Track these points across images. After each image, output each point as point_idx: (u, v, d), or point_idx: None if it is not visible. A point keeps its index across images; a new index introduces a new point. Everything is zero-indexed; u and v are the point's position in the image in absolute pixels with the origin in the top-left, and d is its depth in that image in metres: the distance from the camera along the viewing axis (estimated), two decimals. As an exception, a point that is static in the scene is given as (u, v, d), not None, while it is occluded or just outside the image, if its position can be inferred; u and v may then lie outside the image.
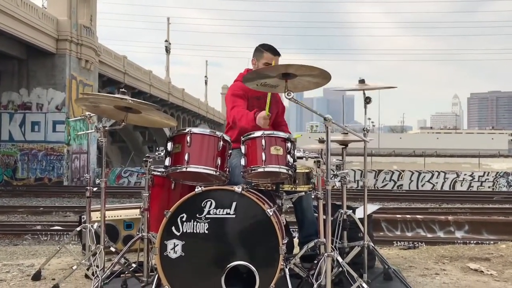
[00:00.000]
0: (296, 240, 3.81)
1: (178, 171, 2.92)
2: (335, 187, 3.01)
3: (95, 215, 4.27)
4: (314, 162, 2.88)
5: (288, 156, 2.93)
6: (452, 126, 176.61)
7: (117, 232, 4.45)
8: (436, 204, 19.37)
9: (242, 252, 2.65)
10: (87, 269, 3.35)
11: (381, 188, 26.14)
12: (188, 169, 2.86)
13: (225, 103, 3.89)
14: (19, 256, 4.55)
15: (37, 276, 3.54)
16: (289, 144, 3.00)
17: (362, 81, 3.16)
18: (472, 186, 26.85)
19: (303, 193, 3.27)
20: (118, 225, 4.45)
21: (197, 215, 2.70)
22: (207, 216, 2.69)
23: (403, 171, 28.44)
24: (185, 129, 3.00)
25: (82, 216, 4.46)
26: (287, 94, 2.69)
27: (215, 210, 2.70)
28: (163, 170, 3.02)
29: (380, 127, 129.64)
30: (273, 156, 2.90)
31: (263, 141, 2.93)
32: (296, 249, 3.65)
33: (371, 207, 3.65)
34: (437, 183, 27.40)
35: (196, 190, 2.71)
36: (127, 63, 36.10)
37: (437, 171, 28.16)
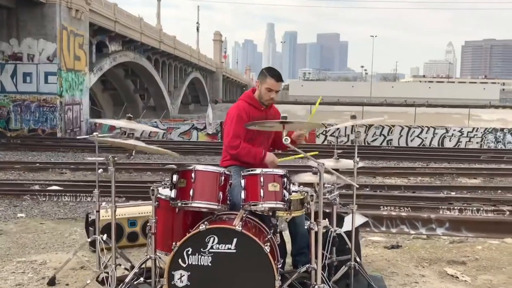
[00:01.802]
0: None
1: (183, 206, 3.21)
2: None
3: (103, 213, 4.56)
4: (309, 195, 3.16)
5: (284, 191, 3.22)
6: (445, 75, 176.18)
7: (122, 229, 4.77)
8: (424, 163, 19.81)
9: (241, 284, 2.98)
10: (98, 276, 3.67)
11: (371, 145, 26.52)
12: (193, 205, 3.16)
13: (226, 117, 4.13)
14: (30, 250, 4.83)
15: (52, 281, 3.86)
16: (285, 179, 3.28)
17: (353, 117, 3.39)
18: (461, 142, 27.23)
19: (297, 213, 3.57)
20: (122, 223, 4.77)
21: (201, 249, 3.01)
22: (210, 250, 3.01)
23: (393, 126, 28.74)
24: (190, 165, 3.26)
25: (89, 215, 4.75)
26: (285, 140, 2.94)
27: (217, 245, 3.01)
28: (169, 196, 3.31)
29: (373, 75, 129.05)
30: (271, 192, 3.19)
31: (261, 178, 3.23)
32: (288, 258, 3.99)
33: (358, 219, 3.95)
34: (426, 138, 27.77)
35: (200, 228, 3.01)
36: (118, 10, 35.42)
37: (426, 127, 28.45)
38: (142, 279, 3.44)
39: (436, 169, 17.96)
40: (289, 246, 4.09)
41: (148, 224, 3.36)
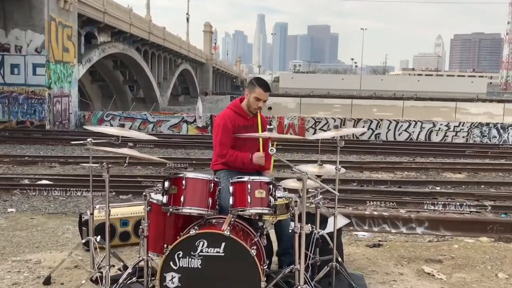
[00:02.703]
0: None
1: (175, 211, 3.40)
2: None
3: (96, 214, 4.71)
4: (293, 201, 3.37)
5: (270, 197, 3.43)
6: (434, 68, 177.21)
7: (114, 229, 4.93)
8: (410, 157, 20.12)
9: (229, 285, 3.18)
10: (92, 276, 3.83)
11: (359, 139, 26.77)
12: (184, 210, 3.36)
13: (214, 125, 4.31)
14: (24, 249, 4.96)
15: (47, 281, 4.02)
16: (271, 186, 3.49)
17: (336, 127, 3.59)
18: (447, 136, 27.57)
19: (282, 215, 3.77)
20: (114, 223, 4.93)
21: (192, 252, 3.21)
22: (200, 253, 3.21)
23: (381, 120, 29.02)
24: (182, 173, 3.44)
25: (83, 215, 4.90)
26: (270, 151, 3.13)
27: (207, 249, 3.21)
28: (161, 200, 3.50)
29: (363, 68, 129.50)
30: (258, 199, 3.40)
31: (249, 185, 3.43)
32: (274, 258, 4.19)
33: (341, 221, 4.15)
34: (413, 132, 28.05)
35: (190, 233, 3.20)
36: (107, 1, 35.21)
37: (414, 121, 28.76)
38: (134, 278, 3.63)
39: (422, 163, 18.25)
40: (275, 246, 4.28)
41: (140, 227, 3.53)
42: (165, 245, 3.56)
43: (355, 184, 13.77)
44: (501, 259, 4.81)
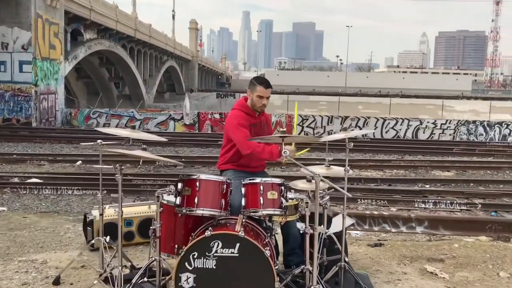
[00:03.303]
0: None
1: (188, 212, 3.44)
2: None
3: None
4: (304, 202, 3.42)
5: (282, 198, 3.48)
6: (418, 65, 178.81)
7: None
8: (399, 155, 20.29)
9: (243, 285, 3.23)
10: (100, 275, 3.84)
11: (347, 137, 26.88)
12: (197, 212, 3.40)
13: (227, 127, 4.36)
14: (29, 249, 4.94)
15: (57, 281, 4.03)
16: (282, 188, 3.54)
17: (344, 129, 3.64)
18: (434, 134, 27.79)
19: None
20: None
21: (207, 253, 3.25)
22: (215, 254, 3.26)
23: (368, 117, 29.18)
24: (195, 175, 3.48)
25: (87, 215, 4.91)
26: (283, 152, 3.18)
27: (221, 249, 3.26)
28: (172, 201, 3.53)
29: (348, 65, 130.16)
30: (270, 200, 3.45)
31: (261, 187, 3.48)
32: (280, 257, 4.24)
33: (346, 221, 4.21)
34: (400, 129, 28.22)
35: (206, 233, 3.24)
36: (93, -2, 34.98)
37: (401, 118, 28.94)
38: (145, 278, 3.66)
39: (410, 161, 18.41)
40: (280, 245, 4.33)
41: (151, 227, 3.56)
42: (175, 246, 3.61)
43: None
44: (502, 258, 4.92)
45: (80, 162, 16.06)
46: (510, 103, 53.05)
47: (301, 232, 3.46)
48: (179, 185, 3.48)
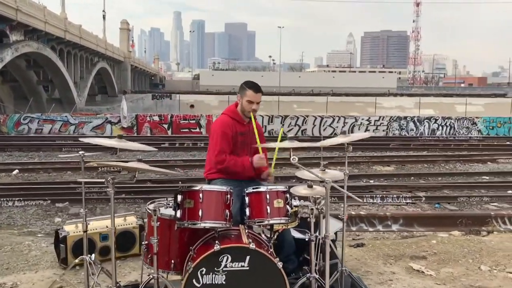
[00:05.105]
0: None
1: (191, 226, 3.25)
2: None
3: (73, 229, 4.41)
4: (309, 209, 3.34)
5: (287, 206, 3.37)
6: (346, 64, 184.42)
7: (94, 244, 4.63)
8: (340, 152, 20.71)
9: (255, 300, 3.09)
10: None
11: (288, 136, 27.12)
12: (202, 225, 3.21)
13: (212, 131, 4.23)
14: (-6, 272, 4.54)
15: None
16: (287, 195, 3.43)
17: (343, 133, 3.60)
18: (369, 130, 28.75)
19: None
20: (94, 238, 4.63)
21: (215, 268, 3.08)
22: (224, 269, 3.10)
23: (307, 116, 29.73)
24: (196, 186, 3.29)
25: (59, 232, 4.55)
26: (292, 160, 3.08)
27: (231, 263, 3.10)
28: (166, 214, 3.33)
29: (281, 65, 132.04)
30: (276, 209, 3.32)
31: (267, 195, 3.35)
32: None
33: (336, 225, 4.19)
34: (337, 127, 28.94)
35: (215, 248, 3.06)
36: (19, -3, 33.14)
37: (337, 116, 29.73)
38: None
39: (352, 157, 18.79)
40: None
41: (144, 242, 3.34)
42: (171, 261, 3.42)
43: (294, 180, 13.96)
44: (479, 251, 5.10)
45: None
46: (433, 99, 56.02)
47: (306, 239, 3.36)
48: (179, 197, 3.27)
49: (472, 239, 5.57)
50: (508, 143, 24.26)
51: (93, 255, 3.71)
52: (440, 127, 28.62)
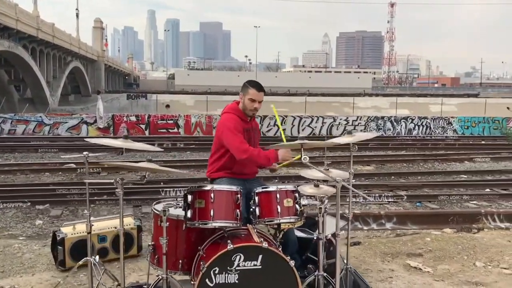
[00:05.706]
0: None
1: (202, 226, 3.25)
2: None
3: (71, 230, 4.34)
4: (318, 208, 3.37)
5: (296, 205, 3.39)
6: (322, 64, 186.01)
7: (92, 245, 4.56)
8: (320, 151, 20.87)
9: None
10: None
11: (266, 135, 27.18)
12: (213, 224, 3.21)
13: (221, 131, 4.16)
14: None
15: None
16: (296, 194, 3.46)
17: (349, 133, 3.64)
18: (347, 130, 29.01)
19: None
20: (92, 239, 4.55)
21: (228, 267, 3.09)
22: (237, 268, 3.10)
23: (286, 116, 29.86)
24: (206, 186, 3.28)
25: (57, 233, 4.47)
26: (304, 159, 3.10)
27: (244, 262, 3.11)
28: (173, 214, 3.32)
29: (257, 64, 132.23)
30: (286, 208, 3.34)
31: (277, 195, 3.36)
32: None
33: (341, 223, 4.20)
34: (316, 127, 29.15)
35: (228, 247, 3.07)
36: (-11, -5, 32.40)
37: (316, 116, 29.94)
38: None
39: (332, 157, 18.93)
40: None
41: (151, 243, 3.32)
42: (179, 261, 3.41)
43: (276, 180, 14.00)
44: (472, 248, 5.22)
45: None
46: (408, 99, 56.95)
47: (314, 238, 3.39)
48: (189, 197, 3.26)
49: (464, 236, 5.70)
50: (483, 142, 24.83)
51: (97, 256, 3.65)
52: (417, 127, 29.10)
